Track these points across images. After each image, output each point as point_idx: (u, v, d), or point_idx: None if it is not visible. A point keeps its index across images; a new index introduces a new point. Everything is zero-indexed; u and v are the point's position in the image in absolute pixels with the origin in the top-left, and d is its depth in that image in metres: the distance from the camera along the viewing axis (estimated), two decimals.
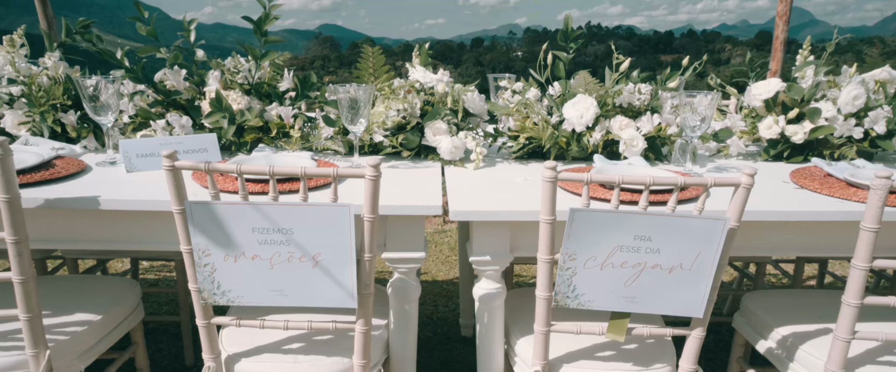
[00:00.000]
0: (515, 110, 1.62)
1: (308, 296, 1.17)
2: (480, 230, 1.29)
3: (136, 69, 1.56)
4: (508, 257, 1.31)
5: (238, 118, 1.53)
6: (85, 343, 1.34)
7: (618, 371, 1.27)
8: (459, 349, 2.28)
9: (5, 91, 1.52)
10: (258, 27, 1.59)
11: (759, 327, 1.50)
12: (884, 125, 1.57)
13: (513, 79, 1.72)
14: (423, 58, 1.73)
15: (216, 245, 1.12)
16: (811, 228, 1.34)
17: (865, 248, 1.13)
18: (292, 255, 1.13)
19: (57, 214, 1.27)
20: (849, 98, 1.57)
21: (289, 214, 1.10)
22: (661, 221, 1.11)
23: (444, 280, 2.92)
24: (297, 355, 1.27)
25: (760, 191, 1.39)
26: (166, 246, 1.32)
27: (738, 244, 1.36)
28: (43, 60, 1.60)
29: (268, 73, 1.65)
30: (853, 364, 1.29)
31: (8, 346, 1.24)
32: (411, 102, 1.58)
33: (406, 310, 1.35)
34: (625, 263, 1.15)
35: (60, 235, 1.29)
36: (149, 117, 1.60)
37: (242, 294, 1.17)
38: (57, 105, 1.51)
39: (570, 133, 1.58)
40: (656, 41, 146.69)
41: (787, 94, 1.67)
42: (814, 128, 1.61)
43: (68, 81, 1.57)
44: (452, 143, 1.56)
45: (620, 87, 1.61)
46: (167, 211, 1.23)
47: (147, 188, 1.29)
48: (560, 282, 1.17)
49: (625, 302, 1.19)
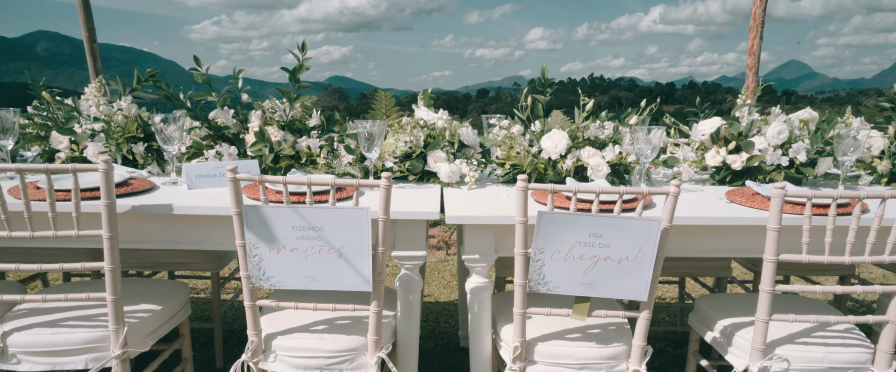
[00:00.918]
0: (502, 142, 1.96)
1: (334, 281, 1.47)
2: (471, 233, 1.60)
3: (194, 109, 1.92)
4: (493, 256, 1.62)
5: (275, 148, 1.88)
6: (150, 326, 1.64)
7: (582, 348, 1.55)
8: (458, 357, 2.54)
9: (90, 128, 1.88)
10: (293, 75, 1.96)
11: (707, 322, 1.78)
12: (804, 154, 1.89)
13: (501, 118, 2.07)
14: (426, 100, 2.09)
15: (263, 240, 1.44)
16: (740, 233, 1.65)
17: (772, 244, 1.44)
18: (322, 248, 1.45)
19: (134, 219, 1.60)
20: (774, 133, 1.90)
21: (320, 215, 1.42)
22: (609, 221, 1.42)
23: (446, 301, 3.20)
24: (322, 334, 1.56)
25: (700, 205, 1.71)
26: (216, 246, 1.64)
27: (682, 246, 1.66)
28: (118, 103, 1.97)
29: (299, 113, 2.01)
30: (774, 345, 1.56)
31: (96, 324, 1.55)
32: (416, 136, 1.93)
33: (411, 300, 1.65)
34: (583, 256, 1.46)
35: (136, 237, 1.62)
36: (201, 148, 1.95)
37: (282, 279, 1.48)
38: (131, 138, 1.87)
39: (547, 161, 1.92)
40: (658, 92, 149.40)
41: (727, 129, 2.00)
42: (749, 157, 1.94)
43: (139, 119, 1.93)
44: (450, 168, 1.89)
45: (588, 123, 1.95)
46: (220, 216, 1.57)
47: (205, 200, 1.61)
48: (532, 271, 1.47)
49: (584, 288, 1.49)
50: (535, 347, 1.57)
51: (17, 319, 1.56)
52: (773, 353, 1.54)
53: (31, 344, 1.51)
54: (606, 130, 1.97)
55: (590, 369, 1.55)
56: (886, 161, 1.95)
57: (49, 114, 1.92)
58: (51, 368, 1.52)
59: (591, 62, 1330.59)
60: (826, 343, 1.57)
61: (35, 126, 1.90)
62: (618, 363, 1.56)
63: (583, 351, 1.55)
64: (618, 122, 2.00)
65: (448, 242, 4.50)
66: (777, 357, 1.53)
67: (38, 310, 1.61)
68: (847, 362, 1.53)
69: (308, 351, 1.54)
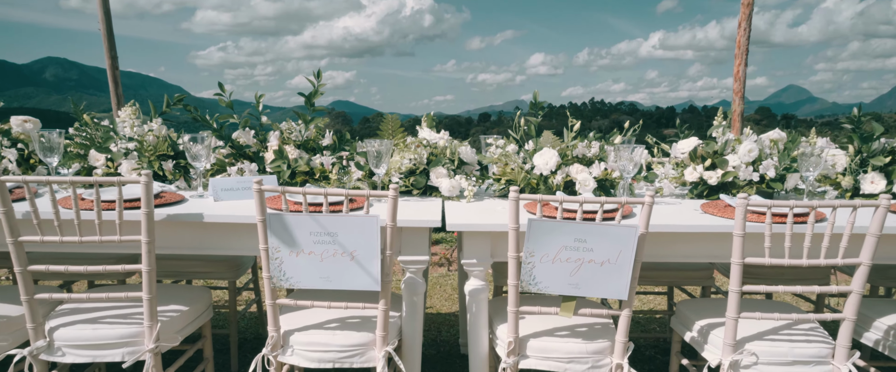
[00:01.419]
0: (498, 160, 2.15)
1: (346, 281, 1.65)
2: (469, 240, 1.78)
3: (219, 130, 2.12)
4: (489, 261, 1.79)
5: (292, 165, 2.07)
6: (178, 325, 1.81)
7: (570, 343, 1.71)
8: (459, 363, 2.69)
9: (124, 147, 2.08)
10: (309, 100, 2.16)
11: (686, 323, 1.94)
12: (773, 171, 2.07)
13: (498, 138, 2.27)
14: (429, 122, 2.28)
15: (284, 244, 1.62)
16: (712, 240, 1.82)
17: (737, 248, 1.61)
18: (336, 251, 1.63)
19: (167, 227, 1.78)
20: (745, 151, 2.09)
21: (335, 222, 1.60)
22: (592, 227, 1.60)
23: (447, 313, 3.35)
24: (335, 331, 1.73)
25: (678, 215, 1.88)
26: (239, 251, 1.81)
27: (660, 252, 1.83)
28: (149, 124, 2.17)
29: (313, 133, 2.20)
30: (744, 341, 1.72)
31: (131, 321, 1.71)
32: (420, 154, 2.12)
33: (415, 301, 1.82)
34: (569, 259, 1.63)
35: (169, 243, 1.79)
36: (224, 165, 2.15)
37: (301, 280, 1.65)
38: (162, 156, 2.06)
39: (539, 176, 2.10)
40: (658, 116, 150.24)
41: (704, 148, 2.19)
42: (723, 173, 2.12)
43: (169, 139, 2.13)
44: (450, 183, 2.07)
45: (576, 142, 2.14)
46: (244, 224, 1.75)
47: (230, 211, 1.80)
48: (524, 273, 1.64)
49: (571, 288, 1.66)
50: (527, 342, 1.73)
51: (61, 317, 1.73)
52: (743, 348, 1.70)
53: (74, 338, 1.67)
54: (593, 149, 2.16)
55: (577, 363, 1.71)
56: (849, 177, 2.13)
57: (88, 134, 2.11)
58: (91, 360, 1.68)
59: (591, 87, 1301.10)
60: (791, 339, 1.73)
61: (75, 145, 2.09)
62: (602, 357, 1.72)
63: (570, 346, 1.71)
64: (604, 142, 2.19)
65: (449, 259, 4.66)
66: (747, 351, 1.69)
67: (79, 309, 1.78)
68: (809, 356, 1.69)
69: (322, 346, 1.70)
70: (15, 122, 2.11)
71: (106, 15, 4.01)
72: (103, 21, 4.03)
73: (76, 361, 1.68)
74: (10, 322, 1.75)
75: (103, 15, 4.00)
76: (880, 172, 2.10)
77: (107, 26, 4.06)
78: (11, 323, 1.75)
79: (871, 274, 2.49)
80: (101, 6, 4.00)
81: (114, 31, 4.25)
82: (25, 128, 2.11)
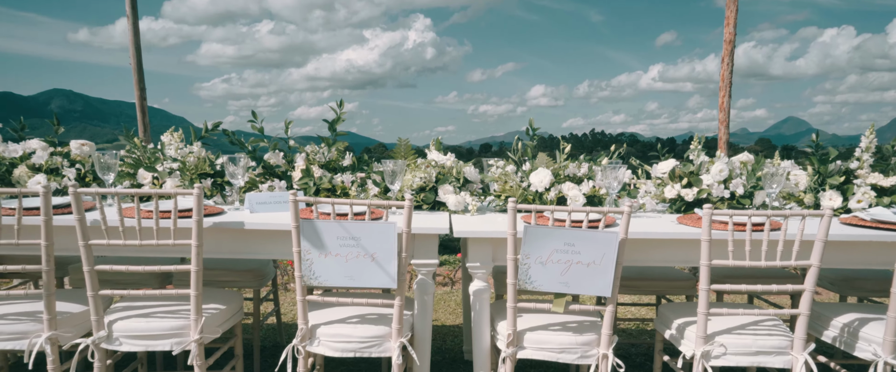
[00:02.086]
0: (498, 178, 2.43)
1: (367, 280, 1.90)
2: (473, 245, 2.04)
3: (253, 152, 2.41)
4: (491, 264, 2.05)
5: (317, 182, 2.35)
6: (218, 320, 2.05)
7: (562, 336, 1.95)
8: (462, 367, 2.91)
9: (169, 166, 2.36)
10: (332, 126, 2.46)
11: (666, 322, 2.18)
12: (741, 188, 2.34)
13: (498, 160, 2.55)
14: (437, 145, 2.57)
15: (314, 247, 1.88)
16: (684, 246, 2.07)
17: (705, 252, 1.87)
18: (359, 254, 1.89)
19: (210, 234, 2.04)
20: (716, 171, 2.37)
21: (359, 228, 1.87)
22: (579, 233, 1.86)
23: (452, 325, 3.58)
24: (356, 325, 1.97)
25: (657, 226, 2.14)
26: (272, 255, 2.07)
27: (641, 257, 2.09)
28: (190, 147, 2.46)
29: (335, 155, 2.49)
30: (714, 335, 1.96)
31: (179, 316, 1.96)
32: (429, 173, 2.40)
33: (425, 300, 2.07)
34: (559, 260, 1.89)
35: (212, 249, 2.06)
36: (255, 183, 2.42)
37: (328, 279, 1.90)
38: (202, 174, 2.34)
39: (534, 192, 2.37)
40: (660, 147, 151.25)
41: (681, 169, 2.47)
42: (698, 190, 2.39)
43: (208, 159, 2.42)
44: (456, 199, 2.34)
45: (567, 163, 2.42)
46: (277, 231, 2.02)
47: (265, 221, 2.06)
48: (520, 273, 1.89)
49: (562, 286, 1.91)
50: (524, 336, 1.97)
51: (117, 312, 1.98)
52: (713, 340, 1.94)
53: (129, 329, 1.92)
54: (583, 169, 2.44)
55: (568, 353, 1.95)
56: (810, 194, 2.40)
57: (137, 156, 2.40)
58: (144, 349, 1.93)
59: (592, 118, 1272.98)
60: (755, 333, 1.97)
61: (126, 165, 2.38)
62: (590, 348, 1.96)
63: (562, 338, 1.95)
64: (592, 163, 2.47)
65: (453, 279, 4.89)
66: (717, 343, 1.93)
67: (133, 305, 2.03)
68: (770, 347, 1.93)
69: (345, 337, 1.95)
70: (74, 146, 2.39)
71: (137, 50, 4.36)
72: (134, 55, 4.37)
73: (131, 350, 1.92)
74: (72, 317, 2.00)
75: (134, 50, 4.35)
76: (837, 190, 2.37)
77: (137, 61, 4.40)
78: (74, 318, 2.00)
79: (840, 284, 2.75)
80: (133, 42, 4.35)
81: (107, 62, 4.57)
82: (83, 150, 2.40)
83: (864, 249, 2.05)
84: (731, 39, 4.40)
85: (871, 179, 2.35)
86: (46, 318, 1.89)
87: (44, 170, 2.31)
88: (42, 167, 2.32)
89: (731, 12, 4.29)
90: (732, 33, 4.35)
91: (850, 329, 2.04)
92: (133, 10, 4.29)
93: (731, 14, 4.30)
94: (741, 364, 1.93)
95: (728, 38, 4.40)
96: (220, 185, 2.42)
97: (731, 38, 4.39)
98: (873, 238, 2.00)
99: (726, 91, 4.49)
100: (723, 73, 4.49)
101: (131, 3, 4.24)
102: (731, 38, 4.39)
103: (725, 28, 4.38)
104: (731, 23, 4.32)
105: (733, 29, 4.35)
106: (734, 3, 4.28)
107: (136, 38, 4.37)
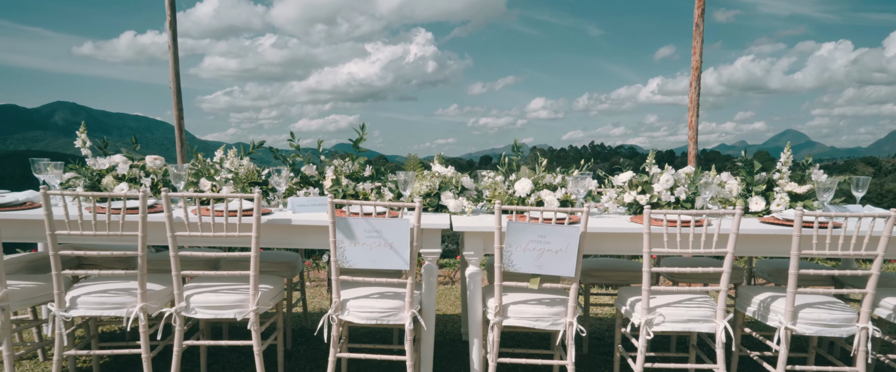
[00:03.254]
0: (489, 186, 2.99)
1: (388, 263, 2.45)
2: (469, 238, 2.59)
3: (293, 165, 2.98)
4: (482, 253, 2.60)
5: (344, 189, 2.91)
6: (269, 296, 2.59)
7: (537, 307, 2.50)
8: (460, 347, 3.44)
9: (225, 176, 2.93)
10: (355, 144, 3.02)
11: (623, 301, 2.72)
12: (684, 194, 2.90)
13: (489, 172, 3.11)
14: (440, 160, 3.14)
15: (346, 237, 2.44)
16: (633, 239, 2.61)
17: (646, 242, 2.42)
18: (381, 243, 2.44)
19: (264, 228, 2.60)
20: (664, 180, 2.93)
21: (381, 223, 2.42)
22: (550, 228, 2.42)
23: (452, 314, 4.12)
24: (377, 300, 2.52)
25: (613, 223, 2.69)
26: (313, 245, 2.61)
27: (600, 247, 2.63)
28: (240, 161, 3.02)
29: (357, 167, 3.05)
30: (656, 308, 2.51)
31: (240, 291, 2.51)
32: (434, 182, 2.96)
33: (431, 281, 2.61)
34: (534, 249, 2.44)
35: (266, 240, 2.61)
36: (293, 190, 2.99)
37: (357, 262, 2.45)
38: (252, 182, 2.91)
39: (518, 198, 2.93)
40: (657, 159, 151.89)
41: (637, 178, 3.03)
42: (650, 196, 2.95)
43: (257, 171, 2.98)
44: (455, 202, 2.90)
45: (544, 174, 2.98)
46: (317, 226, 2.57)
47: (305, 219, 2.62)
48: (504, 258, 2.44)
49: (536, 268, 2.46)
50: (508, 308, 2.52)
51: (191, 289, 2.53)
52: (655, 311, 2.49)
53: (202, 302, 2.47)
54: (557, 178, 3.00)
55: (541, 321, 2.50)
56: (741, 199, 2.95)
57: (199, 168, 2.97)
58: (214, 316, 2.47)
59: (591, 130, 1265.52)
60: (688, 307, 2.51)
61: (191, 175, 2.94)
62: (559, 317, 2.50)
63: (537, 310, 2.50)
64: (564, 174, 3.04)
65: (453, 279, 5.44)
66: (657, 314, 2.48)
67: (202, 284, 2.58)
68: (699, 316, 2.47)
69: (368, 308, 2.49)
70: (149, 160, 2.96)
71: (176, 76, 4.94)
72: (173, 81, 4.96)
73: (204, 318, 2.47)
74: (157, 293, 2.55)
75: (174, 75, 4.93)
76: (762, 196, 2.92)
77: (176, 85, 4.98)
78: (158, 294, 2.55)
79: (774, 274, 3.30)
80: (173, 68, 4.93)
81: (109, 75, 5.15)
82: (156, 164, 2.97)
83: (775, 241, 2.61)
84: (698, 67, 4.98)
85: (788, 187, 2.91)
86: (140, 292, 2.45)
87: (126, 179, 2.88)
88: (124, 177, 2.89)
89: (697, 43, 4.88)
90: (699, 61, 4.94)
91: (764, 304, 2.59)
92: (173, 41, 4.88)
93: (697, 44, 4.89)
94: (676, 329, 2.48)
95: (695, 65, 4.99)
96: (265, 191, 2.98)
97: (698, 64, 4.97)
98: (780, 232, 2.55)
99: (694, 111, 5.07)
100: (691, 96, 5.07)
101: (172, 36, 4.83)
102: (698, 64, 4.97)
103: (693, 56, 4.96)
104: (698, 52, 4.91)
105: (700, 57, 4.93)
106: (700, 35, 4.87)
107: (176, 64, 4.95)
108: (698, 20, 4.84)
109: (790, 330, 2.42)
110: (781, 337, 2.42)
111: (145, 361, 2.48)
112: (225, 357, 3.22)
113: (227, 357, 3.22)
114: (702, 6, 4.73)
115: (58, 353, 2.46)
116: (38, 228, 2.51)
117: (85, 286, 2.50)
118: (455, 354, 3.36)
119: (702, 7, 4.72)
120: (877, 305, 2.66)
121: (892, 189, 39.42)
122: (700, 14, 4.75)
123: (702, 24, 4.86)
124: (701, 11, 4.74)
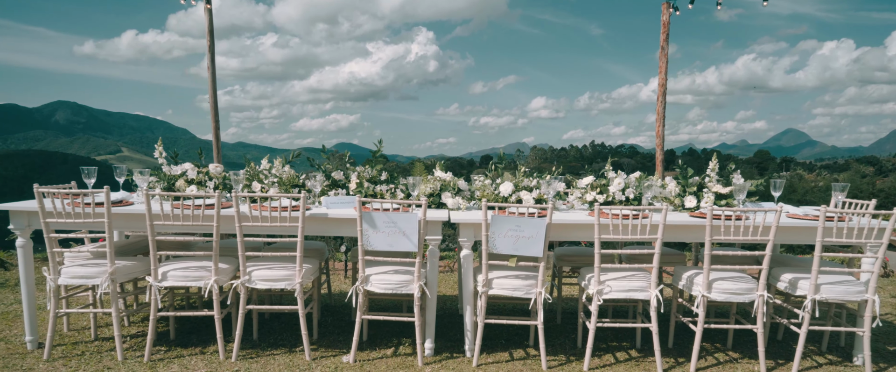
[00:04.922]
0: (480, 188, 3.76)
1: (401, 246, 3.20)
2: (463, 228, 3.35)
3: (326, 171, 3.75)
4: (473, 239, 3.37)
5: (365, 190, 3.68)
6: (310, 273, 3.35)
7: (515, 281, 3.26)
8: (457, 319, 4.21)
9: (272, 180, 3.69)
10: (373, 154, 3.79)
11: (584, 277, 3.49)
12: (633, 194, 3.67)
13: (480, 176, 3.88)
14: (441, 166, 3.91)
15: (370, 228, 3.20)
16: (589, 229, 3.39)
17: (596, 231, 3.19)
18: (397, 231, 3.20)
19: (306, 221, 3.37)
20: (616, 183, 3.69)
21: (396, 216, 3.19)
22: (524, 220, 3.18)
23: (450, 295, 4.89)
24: (392, 275, 3.27)
25: (575, 217, 3.45)
26: (345, 233, 3.38)
27: (564, 235, 3.40)
28: (283, 169, 3.79)
29: (376, 172, 3.82)
30: (606, 281, 3.28)
31: (286, 268, 3.28)
32: (435, 185, 3.72)
33: (433, 261, 3.37)
34: (512, 235, 3.20)
35: (307, 229, 3.38)
36: (325, 191, 3.76)
37: (377, 245, 3.21)
38: (293, 185, 3.68)
39: (502, 197, 3.70)
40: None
41: (596, 181, 3.79)
42: (606, 196, 3.71)
43: (296, 176, 3.75)
44: (453, 201, 3.66)
45: (522, 178, 3.75)
46: (348, 219, 3.35)
47: (338, 213, 3.39)
48: (490, 243, 3.20)
49: (513, 250, 3.22)
50: (492, 282, 3.28)
51: (252, 266, 3.31)
52: (604, 284, 3.26)
53: (261, 276, 3.24)
54: (533, 182, 3.77)
55: (518, 291, 3.26)
56: (678, 198, 3.72)
57: (251, 173, 3.74)
58: (269, 286, 3.24)
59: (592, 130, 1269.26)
60: (629, 280, 3.27)
61: (245, 179, 3.71)
62: (532, 288, 3.27)
63: (515, 282, 3.26)
64: (539, 178, 3.81)
65: (452, 268, 6.21)
66: (606, 286, 3.25)
67: (258, 264, 3.35)
68: (636, 287, 3.23)
69: (386, 281, 3.26)
70: (212, 168, 3.73)
71: (214, 96, 5.69)
72: (211, 93, 5.71)
73: (263, 288, 3.24)
74: (226, 270, 3.32)
75: (212, 95, 5.68)
76: (693, 196, 3.69)
77: (213, 97, 5.74)
78: (225, 270, 3.32)
79: None
80: (212, 88, 5.68)
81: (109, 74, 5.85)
82: (217, 171, 3.74)
83: (698, 230, 3.38)
84: (664, 83, 5.74)
85: (715, 189, 3.67)
86: (213, 268, 3.22)
87: (195, 182, 3.65)
88: (193, 181, 3.66)
89: (663, 63, 5.64)
90: (664, 78, 5.69)
91: (690, 279, 3.35)
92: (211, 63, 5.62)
93: (663, 64, 5.64)
94: (620, 297, 3.24)
95: (661, 82, 5.74)
96: (303, 192, 3.75)
97: (664, 82, 5.73)
98: (702, 223, 3.32)
99: (661, 122, 5.82)
100: (658, 109, 5.82)
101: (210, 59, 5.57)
102: (664, 82, 5.73)
103: (659, 74, 5.72)
104: (663, 71, 5.67)
105: (665, 75, 5.68)
106: (665, 55, 5.62)
107: (213, 77, 5.70)
108: (664, 43, 5.60)
109: (705, 297, 3.19)
110: (700, 302, 3.19)
111: (217, 321, 3.25)
112: (269, 325, 3.99)
113: (270, 325, 3.99)
114: (666, 32, 5.49)
115: (153, 312, 3.23)
116: (137, 220, 3.28)
117: (172, 264, 3.28)
118: (453, 323, 4.13)
119: (666, 33, 5.48)
120: (778, 279, 3.44)
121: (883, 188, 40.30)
122: (664, 39, 5.51)
123: (667, 47, 5.61)
124: (665, 37, 5.50)
